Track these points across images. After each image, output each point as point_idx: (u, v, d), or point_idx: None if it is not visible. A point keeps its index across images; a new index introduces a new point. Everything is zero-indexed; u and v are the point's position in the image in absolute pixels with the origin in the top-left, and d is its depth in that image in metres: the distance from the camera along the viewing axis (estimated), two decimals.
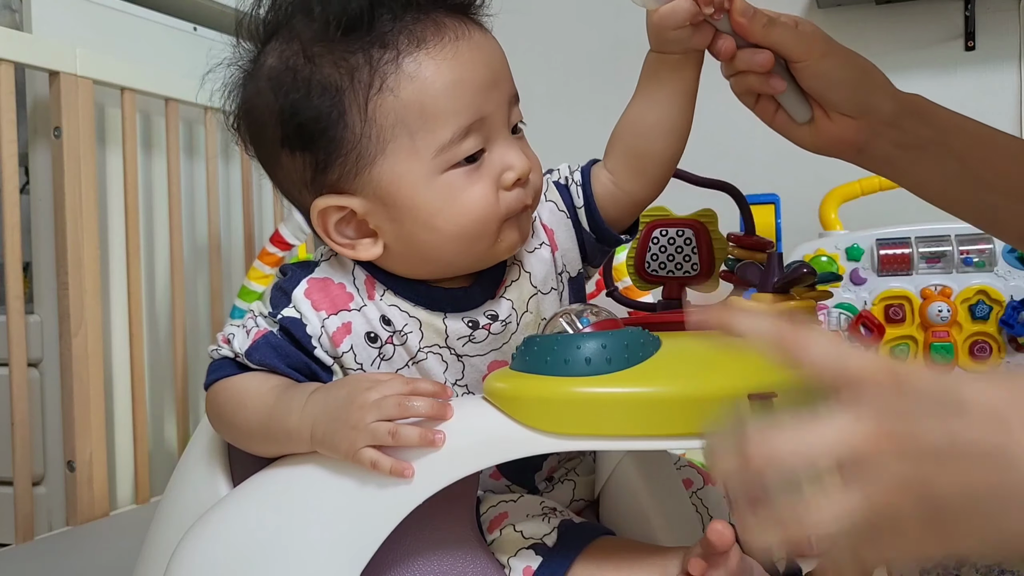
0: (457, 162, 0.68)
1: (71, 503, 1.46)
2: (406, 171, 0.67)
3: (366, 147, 0.67)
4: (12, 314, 1.36)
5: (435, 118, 0.66)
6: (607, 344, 0.60)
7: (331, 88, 0.67)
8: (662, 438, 0.60)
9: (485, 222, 0.68)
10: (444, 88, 0.66)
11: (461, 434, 0.64)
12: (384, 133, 0.67)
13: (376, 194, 0.68)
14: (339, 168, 0.68)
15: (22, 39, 1.40)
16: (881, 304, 1.56)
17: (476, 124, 0.68)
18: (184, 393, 1.68)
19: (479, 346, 0.73)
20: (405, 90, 0.66)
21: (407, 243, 0.70)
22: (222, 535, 0.68)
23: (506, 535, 0.69)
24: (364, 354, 0.71)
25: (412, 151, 0.67)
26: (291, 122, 0.68)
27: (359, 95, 0.66)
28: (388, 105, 0.66)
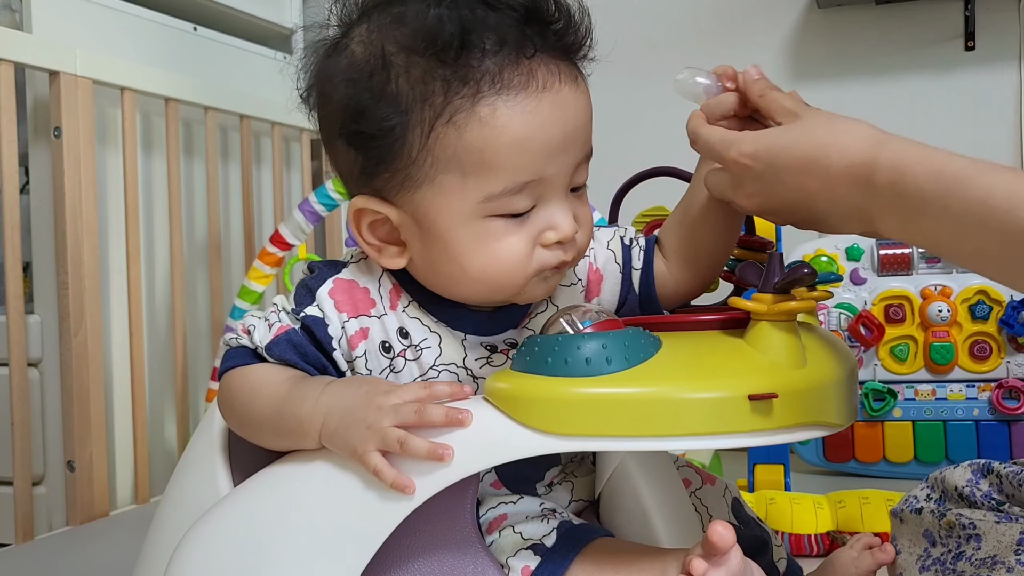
0: (501, 213, 0.66)
1: (71, 503, 1.46)
2: (448, 206, 0.66)
3: (417, 170, 0.66)
4: (12, 314, 1.36)
5: (492, 169, 0.65)
6: (607, 344, 0.60)
7: (401, 104, 0.65)
8: (662, 438, 0.60)
9: (511, 275, 0.68)
10: (511, 143, 0.64)
11: (461, 435, 0.64)
12: (438, 164, 0.65)
13: (414, 215, 0.68)
14: (385, 180, 0.67)
15: (22, 39, 1.40)
16: (881, 304, 1.56)
17: (533, 184, 0.66)
18: (184, 393, 1.68)
19: (496, 369, 0.72)
20: (471, 131, 0.64)
21: (431, 267, 0.70)
22: (222, 534, 0.68)
23: (505, 536, 0.69)
24: (375, 362, 0.71)
25: (460, 190, 0.66)
26: (354, 120, 0.67)
27: (425, 121, 0.65)
28: (450, 140, 0.64)
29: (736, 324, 0.67)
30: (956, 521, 0.84)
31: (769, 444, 0.61)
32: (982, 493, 0.86)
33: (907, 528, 0.91)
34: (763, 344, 0.62)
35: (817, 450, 1.60)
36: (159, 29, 1.71)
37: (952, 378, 1.54)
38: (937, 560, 0.84)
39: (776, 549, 0.88)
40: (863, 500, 1.25)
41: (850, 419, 0.68)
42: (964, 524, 0.83)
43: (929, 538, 0.88)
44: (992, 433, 1.52)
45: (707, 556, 0.60)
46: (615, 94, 2.10)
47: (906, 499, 0.93)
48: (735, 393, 0.59)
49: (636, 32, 2.05)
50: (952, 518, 0.85)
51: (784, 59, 1.95)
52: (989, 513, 0.83)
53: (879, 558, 0.85)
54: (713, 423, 0.60)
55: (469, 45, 0.64)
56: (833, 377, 0.65)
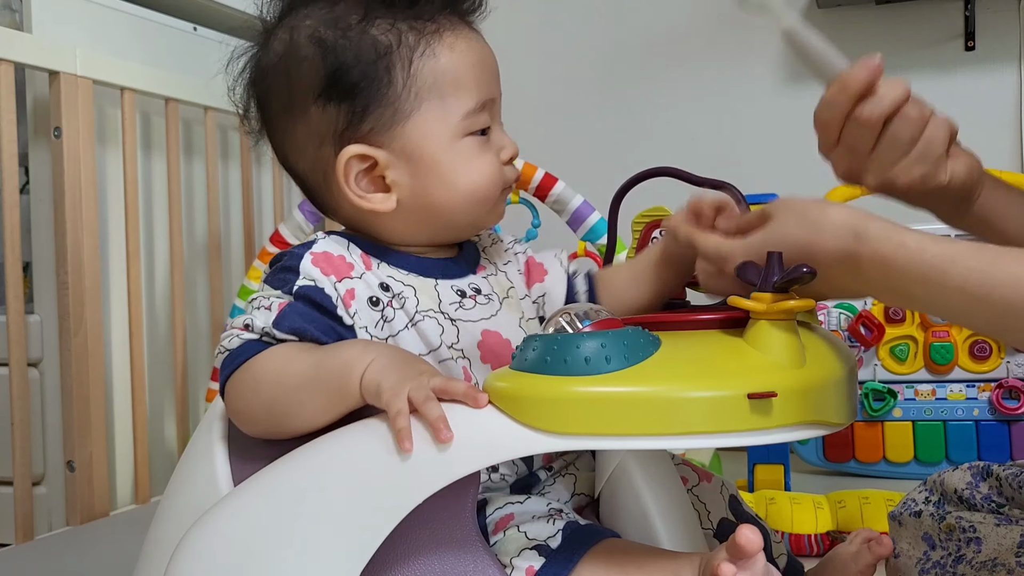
0: (473, 131, 0.77)
1: (71, 503, 1.46)
2: (434, 131, 0.75)
3: (404, 102, 0.74)
4: (12, 314, 1.36)
5: (464, 88, 0.76)
6: (606, 344, 0.60)
7: (380, 48, 0.74)
8: (661, 437, 0.60)
9: (492, 186, 0.78)
10: (472, 64, 0.76)
11: (461, 434, 0.64)
12: (421, 92, 0.74)
13: (403, 149, 0.75)
14: (374, 119, 0.75)
15: (22, 39, 1.40)
16: (881, 304, 1.56)
17: (488, 103, 0.78)
18: (184, 393, 1.68)
19: (470, 312, 0.77)
20: (444, 57, 0.75)
21: (421, 199, 0.76)
22: (222, 534, 0.68)
23: (510, 536, 0.69)
24: (368, 317, 0.74)
25: (442, 114, 0.75)
26: (337, 74, 0.74)
27: (404, 56, 0.74)
28: (429, 68, 0.74)
29: (735, 323, 0.67)
30: (956, 524, 0.84)
31: (769, 443, 0.61)
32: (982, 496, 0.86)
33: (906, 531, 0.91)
34: (762, 343, 0.62)
35: (817, 450, 1.60)
36: (159, 29, 1.71)
37: (952, 378, 1.54)
38: (937, 563, 0.84)
39: (775, 546, 0.88)
40: (863, 500, 1.25)
41: (850, 418, 0.68)
42: (964, 527, 0.83)
43: (928, 541, 0.88)
44: (992, 433, 1.52)
45: (734, 559, 0.60)
46: (615, 94, 2.10)
47: (904, 502, 0.93)
48: (734, 392, 0.59)
49: (636, 32, 2.05)
50: (952, 521, 0.85)
51: (784, 59, 1.95)
52: (989, 516, 0.83)
53: (877, 552, 0.85)
54: (713, 422, 0.60)
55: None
56: (833, 376, 0.65)
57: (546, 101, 2.15)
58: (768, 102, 1.97)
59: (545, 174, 1.50)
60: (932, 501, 0.91)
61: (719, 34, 2.00)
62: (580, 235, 1.50)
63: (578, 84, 2.13)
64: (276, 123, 0.80)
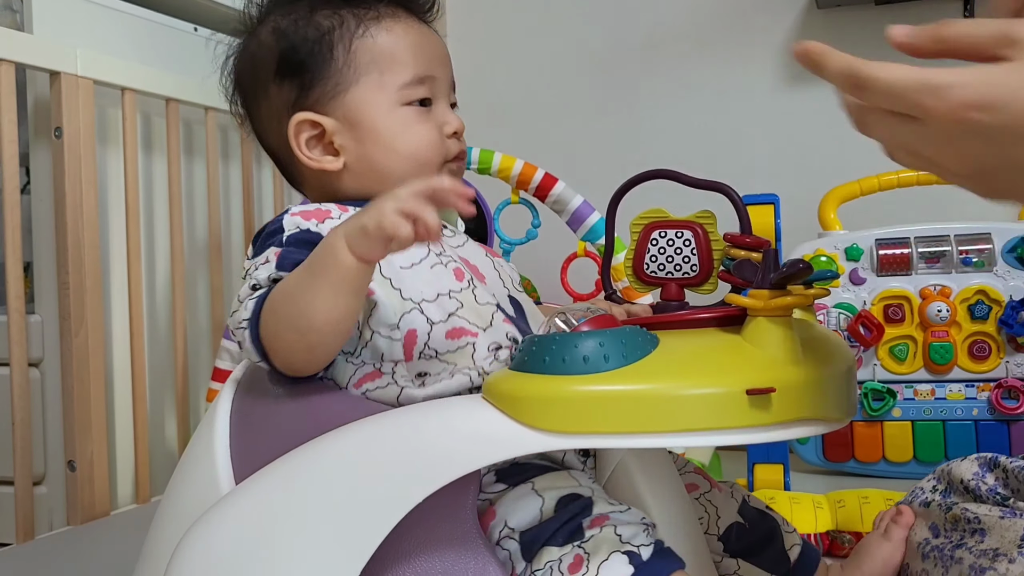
0: (411, 101, 0.85)
1: (72, 503, 1.46)
2: (372, 100, 0.85)
3: (344, 76, 0.85)
4: (13, 314, 1.36)
5: (400, 63, 0.85)
6: (604, 342, 0.61)
7: (324, 29, 0.85)
8: (660, 435, 0.60)
9: (431, 152, 0.86)
10: (409, 45, 0.86)
11: (460, 433, 0.64)
12: (360, 67, 0.85)
13: (346, 116, 0.85)
14: (319, 90, 0.85)
15: (23, 39, 1.40)
16: (880, 304, 1.56)
17: (427, 78, 0.86)
18: (185, 393, 1.68)
19: (445, 241, 0.85)
20: (381, 38, 0.85)
21: (365, 162, 0.85)
22: (223, 533, 0.69)
23: (605, 534, 0.68)
24: None
25: (379, 85, 0.85)
26: (287, 54, 0.85)
27: (345, 36, 0.85)
28: (366, 46, 0.85)
29: (733, 321, 0.68)
30: (961, 515, 0.85)
31: (768, 440, 0.61)
32: (987, 487, 0.86)
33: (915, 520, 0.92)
34: (760, 340, 0.63)
35: (817, 449, 1.60)
36: (159, 29, 1.71)
37: (951, 378, 1.54)
38: (936, 548, 0.85)
39: (788, 536, 0.89)
40: (863, 500, 1.25)
41: (849, 415, 0.68)
42: (969, 518, 0.84)
43: (934, 530, 0.88)
44: (991, 433, 1.52)
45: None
46: (615, 95, 2.10)
47: (913, 491, 0.94)
48: (733, 388, 0.59)
49: (636, 33, 2.06)
50: (958, 512, 0.85)
51: (784, 59, 1.95)
52: (994, 508, 0.83)
53: (903, 522, 0.90)
54: (711, 418, 0.60)
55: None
56: (830, 372, 0.65)
57: (546, 101, 2.15)
58: (768, 103, 1.97)
59: (545, 174, 1.50)
60: (939, 490, 0.92)
61: (719, 34, 2.00)
62: (580, 235, 1.50)
63: (578, 84, 2.13)
64: (250, 106, 0.91)
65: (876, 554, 0.91)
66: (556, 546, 0.68)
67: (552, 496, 0.71)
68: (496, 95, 2.19)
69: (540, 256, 1.58)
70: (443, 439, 0.64)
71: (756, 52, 1.97)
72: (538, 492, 0.72)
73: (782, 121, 1.95)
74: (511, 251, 1.56)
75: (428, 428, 0.66)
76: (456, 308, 0.78)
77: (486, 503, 0.73)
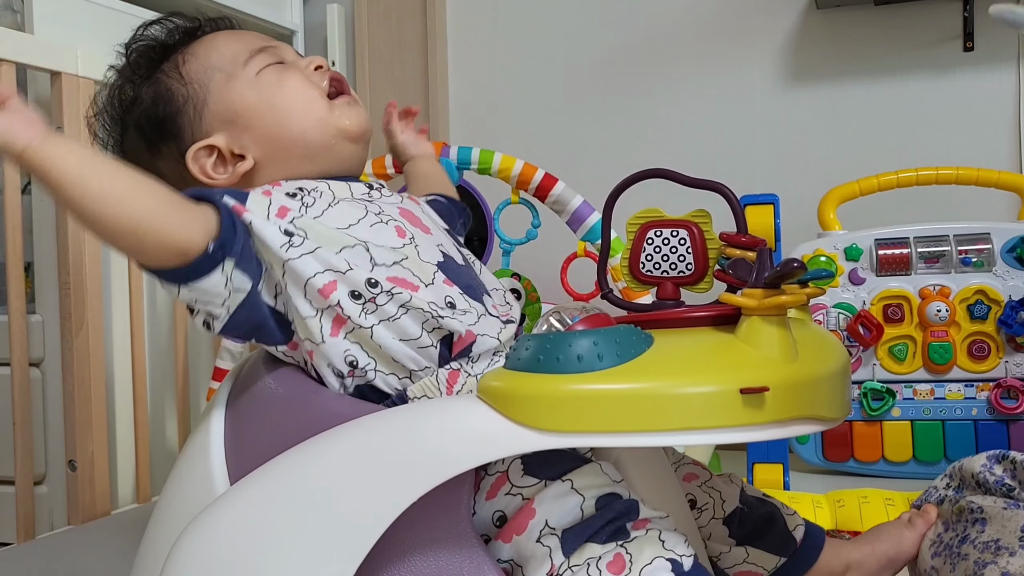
0: (265, 66, 0.86)
1: (72, 502, 1.47)
2: (231, 90, 0.85)
3: (195, 95, 0.85)
4: (14, 314, 1.37)
5: (231, 52, 0.86)
6: (598, 341, 0.61)
7: (153, 84, 0.86)
8: (655, 433, 0.60)
9: (310, 96, 0.86)
10: (226, 38, 0.88)
11: (455, 432, 0.64)
12: (202, 79, 0.85)
13: (221, 121, 0.85)
14: (187, 123, 0.85)
15: (23, 39, 1.41)
16: (880, 304, 1.56)
17: (264, 48, 0.87)
18: (185, 392, 1.68)
19: (381, 200, 0.84)
20: (199, 50, 0.87)
21: (266, 141, 0.85)
22: (219, 532, 0.69)
23: (650, 538, 0.68)
24: (291, 207, 0.78)
25: (227, 76, 0.85)
26: (144, 129, 0.86)
27: (172, 73, 0.86)
28: (193, 63, 0.86)
29: (727, 320, 0.68)
30: (966, 507, 0.85)
31: (762, 439, 0.61)
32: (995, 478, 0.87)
33: None
34: (754, 339, 0.63)
35: (816, 449, 1.61)
36: None
37: (951, 378, 1.54)
38: (947, 545, 0.85)
39: (789, 518, 0.89)
40: (862, 499, 1.25)
41: (843, 413, 0.68)
42: (973, 509, 0.84)
43: (945, 526, 0.89)
44: (991, 433, 1.52)
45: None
46: (615, 95, 2.10)
47: (927, 491, 0.94)
48: (727, 387, 0.59)
49: (635, 33, 2.06)
50: (964, 504, 0.86)
51: (783, 60, 1.95)
52: (999, 500, 0.84)
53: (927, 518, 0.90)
54: (706, 417, 0.60)
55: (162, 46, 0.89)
56: (825, 371, 0.65)
57: (546, 101, 2.15)
58: (768, 103, 1.97)
59: (545, 174, 1.50)
60: (952, 487, 0.92)
61: (719, 35, 2.00)
62: (580, 235, 1.50)
63: (578, 85, 2.13)
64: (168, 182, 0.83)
65: (894, 537, 0.90)
66: (598, 543, 0.68)
67: (592, 494, 0.70)
68: (496, 95, 2.19)
69: (540, 256, 1.58)
70: (437, 438, 0.64)
71: (756, 52, 1.97)
72: (578, 491, 0.71)
73: (782, 121, 1.96)
74: (511, 251, 1.56)
75: (422, 427, 0.66)
76: (401, 259, 0.78)
77: (519, 498, 0.72)
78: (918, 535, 0.89)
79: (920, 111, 1.85)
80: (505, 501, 0.71)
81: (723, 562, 0.86)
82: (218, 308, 0.73)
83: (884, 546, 0.90)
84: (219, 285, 0.71)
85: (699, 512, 0.87)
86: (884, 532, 0.91)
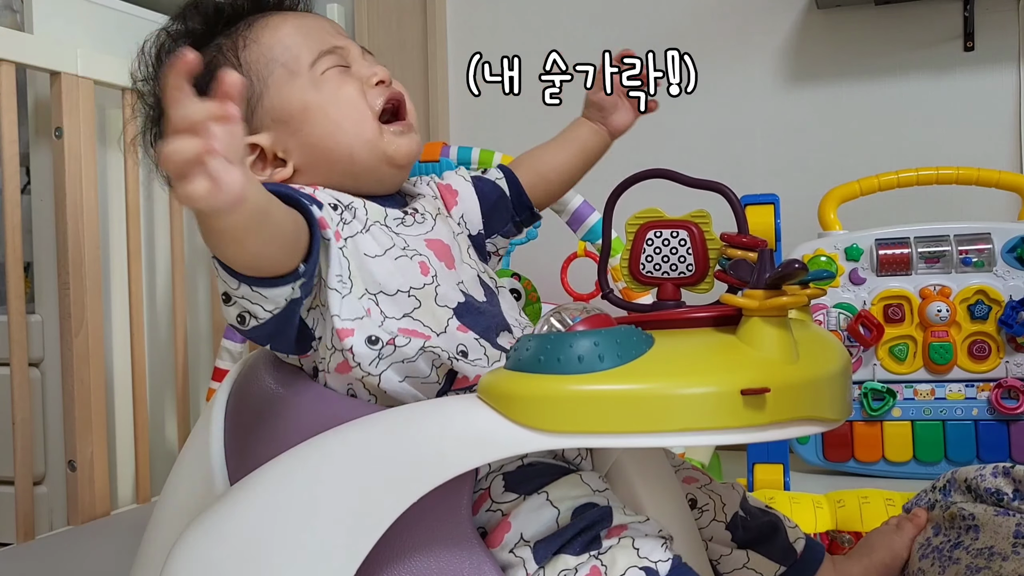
0: (329, 67, 0.83)
1: (72, 502, 1.47)
2: (290, 88, 0.82)
3: (251, 89, 0.82)
4: (13, 314, 1.36)
5: (296, 45, 0.83)
6: (599, 342, 0.61)
7: (207, 63, 0.80)
8: (656, 434, 0.60)
9: (363, 115, 0.83)
10: (294, 28, 0.84)
11: (455, 433, 0.64)
12: (261, 72, 0.82)
13: (273, 119, 0.82)
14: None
15: (23, 40, 1.41)
16: (880, 304, 1.56)
17: (331, 49, 0.84)
18: (185, 393, 1.68)
19: (410, 229, 0.82)
20: (263, 37, 0.83)
21: (312, 150, 0.82)
22: (219, 533, 0.69)
23: (623, 546, 0.67)
24: (330, 218, 0.76)
25: (289, 74, 0.82)
26: None
27: (229, 57, 0.83)
28: (255, 52, 0.83)
29: (728, 321, 0.68)
30: (958, 514, 0.85)
31: (763, 440, 0.61)
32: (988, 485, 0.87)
33: None
34: (755, 340, 0.63)
35: (816, 449, 1.60)
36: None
37: (951, 378, 1.54)
38: (936, 548, 0.85)
39: (791, 531, 0.89)
40: (862, 499, 1.25)
41: (844, 414, 0.68)
42: (965, 516, 0.84)
43: (935, 530, 0.89)
44: (991, 433, 1.52)
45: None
46: None
47: (918, 495, 0.94)
48: (728, 388, 0.59)
49: (635, 33, 2.05)
50: (955, 511, 0.86)
51: (783, 59, 1.95)
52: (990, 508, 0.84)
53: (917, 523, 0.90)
54: (706, 418, 0.60)
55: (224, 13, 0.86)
56: (826, 372, 0.65)
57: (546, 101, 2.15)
58: (768, 103, 1.97)
59: None
60: (939, 488, 0.92)
61: (719, 35, 2.00)
62: (580, 235, 1.50)
63: (578, 84, 2.13)
64: None
65: (886, 544, 0.91)
66: (572, 555, 0.67)
67: (568, 506, 0.70)
68: (496, 95, 2.19)
69: (540, 256, 1.58)
70: (438, 439, 0.64)
71: (756, 52, 1.97)
72: (553, 503, 0.71)
73: (782, 121, 1.95)
74: (511, 251, 1.56)
75: (422, 427, 0.66)
76: (413, 308, 0.77)
77: (498, 514, 0.72)
78: (908, 538, 0.90)
79: (920, 111, 1.85)
80: (486, 517, 0.72)
81: (723, 566, 0.86)
82: (263, 312, 0.70)
83: (879, 555, 0.90)
84: (282, 296, 0.69)
85: (700, 512, 0.87)
86: (876, 541, 0.92)
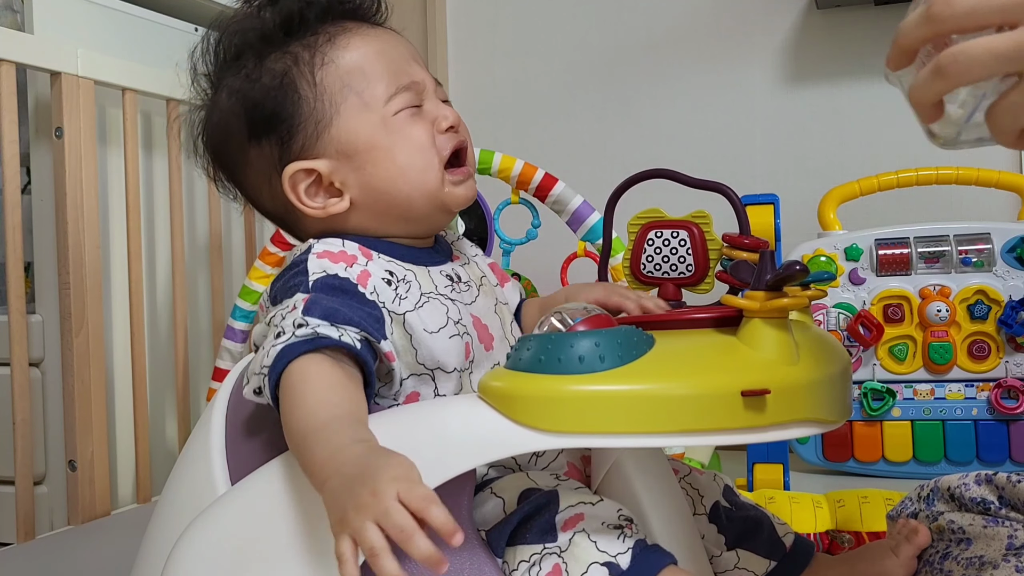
0: (402, 109, 0.79)
1: (72, 502, 1.47)
2: (361, 122, 0.79)
3: (321, 112, 0.79)
4: (14, 314, 1.36)
5: (375, 75, 0.79)
6: (600, 342, 0.61)
7: (280, 73, 0.79)
8: (656, 435, 0.61)
9: (427, 158, 0.79)
10: (375, 53, 0.80)
11: (456, 432, 0.64)
12: (335, 97, 0.79)
13: (338, 150, 0.79)
14: (301, 137, 0.79)
15: (23, 40, 1.41)
16: (880, 304, 1.56)
17: (409, 84, 0.80)
18: (185, 393, 1.68)
19: (460, 296, 0.80)
20: (343, 59, 0.79)
21: (371, 190, 0.79)
22: (219, 533, 0.69)
23: (579, 542, 0.67)
24: (385, 293, 0.75)
25: (362, 106, 0.79)
26: (253, 112, 0.80)
27: (305, 72, 0.79)
28: (332, 74, 0.79)
29: (729, 322, 0.68)
30: (947, 527, 0.85)
31: (763, 441, 0.62)
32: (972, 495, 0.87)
33: None
34: (756, 341, 0.63)
35: (816, 449, 1.61)
36: (160, 29, 1.72)
37: (951, 378, 1.54)
38: (926, 561, 0.85)
39: (779, 526, 0.89)
40: (862, 499, 1.25)
41: (844, 416, 0.68)
42: (954, 529, 0.84)
43: None
44: (991, 433, 1.52)
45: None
46: (615, 95, 2.10)
47: (903, 502, 0.94)
48: (728, 389, 0.60)
49: (635, 33, 2.06)
50: (943, 523, 0.85)
51: (783, 60, 1.95)
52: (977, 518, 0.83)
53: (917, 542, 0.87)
54: (707, 419, 0.60)
55: (307, 14, 0.80)
56: (826, 374, 0.65)
57: (546, 101, 2.15)
58: (768, 103, 1.97)
59: (545, 174, 1.50)
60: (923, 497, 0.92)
61: (719, 35, 2.00)
62: (580, 235, 1.50)
63: (578, 84, 2.13)
64: (236, 178, 0.85)
65: (876, 563, 0.90)
66: (527, 544, 0.67)
67: (512, 495, 0.71)
68: (496, 95, 2.19)
69: (540, 256, 1.58)
70: (439, 438, 0.64)
71: (756, 52, 1.97)
72: (497, 493, 0.72)
73: (782, 121, 1.96)
74: (511, 251, 1.56)
75: (423, 427, 0.66)
76: (456, 389, 0.78)
77: None
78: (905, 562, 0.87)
79: None
80: None
81: (715, 567, 0.86)
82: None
83: (864, 565, 0.89)
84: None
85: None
86: (868, 552, 0.91)
